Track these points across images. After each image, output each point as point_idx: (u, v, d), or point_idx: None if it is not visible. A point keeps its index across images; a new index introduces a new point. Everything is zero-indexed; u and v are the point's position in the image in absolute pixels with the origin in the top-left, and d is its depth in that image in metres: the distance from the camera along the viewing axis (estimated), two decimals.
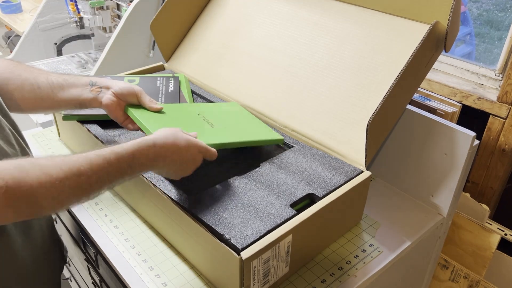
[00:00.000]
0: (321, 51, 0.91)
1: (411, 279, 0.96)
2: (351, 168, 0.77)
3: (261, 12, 1.04)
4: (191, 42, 1.14)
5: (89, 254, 0.88)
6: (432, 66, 0.81)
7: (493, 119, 1.16)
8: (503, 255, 1.15)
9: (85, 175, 0.55)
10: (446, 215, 0.87)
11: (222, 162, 0.80)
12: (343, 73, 0.86)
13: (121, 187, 0.86)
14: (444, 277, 1.19)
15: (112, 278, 0.79)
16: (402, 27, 0.83)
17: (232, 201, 0.69)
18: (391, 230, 0.83)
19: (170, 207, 0.70)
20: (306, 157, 0.80)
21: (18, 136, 0.73)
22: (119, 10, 1.55)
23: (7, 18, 2.23)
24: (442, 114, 1.01)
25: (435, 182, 0.87)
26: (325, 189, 0.72)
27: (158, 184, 0.72)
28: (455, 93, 1.21)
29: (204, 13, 1.16)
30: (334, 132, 0.83)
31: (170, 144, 0.64)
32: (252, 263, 0.61)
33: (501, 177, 1.19)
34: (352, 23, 0.89)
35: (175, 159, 0.65)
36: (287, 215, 0.66)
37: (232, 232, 0.63)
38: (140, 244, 0.77)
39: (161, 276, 0.71)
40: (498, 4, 1.48)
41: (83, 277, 1.09)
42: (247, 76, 1.00)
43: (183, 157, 0.66)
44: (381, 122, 0.75)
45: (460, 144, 0.81)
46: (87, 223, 0.81)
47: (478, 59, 1.49)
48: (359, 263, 0.75)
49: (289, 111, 0.90)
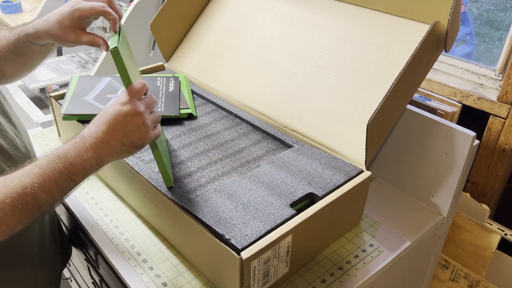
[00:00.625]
0: (321, 51, 0.91)
1: (411, 279, 0.96)
2: (351, 167, 0.77)
3: (261, 12, 1.04)
4: (191, 42, 1.14)
5: (89, 254, 0.88)
6: (432, 66, 0.81)
7: (493, 119, 1.16)
8: (503, 255, 1.15)
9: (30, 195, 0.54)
10: (446, 215, 0.87)
11: (221, 161, 0.81)
12: (343, 73, 0.86)
13: (121, 187, 0.86)
14: (444, 277, 1.19)
15: (112, 278, 0.79)
16: (402, 27, 0.83)
17: (232, 201, 0.69)
18: (391, 230, 0.83)
19: (170, 207, 0.70)
20: (306, 157, 0.80)
21: (23, 139, 0.73)
22: None
23: (7, 18, 2.23)
24: (442, 114, 1.01)
25: (435, 182, 0.87)
26: (325, 189, 0.72)
27: (158, 185, 0.72)
28: (455, 93, 1.21)
29: (204, 13, 1.16)
30: (334, 132, 0.83)
31: (100, 133, 0.59)
32: (252, 263, 0.61)
33: (501, 177, 1.19)
34: (352, 23, 0.89)
35: (114, 145, 0.60)
36: (287, 215, 0.66)
37: (232, 232, 0.63)
38: (140, 244, 0.77)
39: (161, 276, 0.71)
40: (498, 4, 1.48)
41: (83, 277, 1.09)
42: (247, 76, 1.00)
43: (120, 134, 0.60)
44: (381, 122, 0.75)
45: (460, 144, 0.81)
46: (87, 223, 0.81)
47: (478, 59, 1.49)
48: (359, 263, 0.75)
49: (289, 111, 0.90)
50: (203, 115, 0.95)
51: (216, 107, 0.98)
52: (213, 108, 0.98)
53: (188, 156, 0.82)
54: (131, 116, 0.59)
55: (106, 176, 0.90)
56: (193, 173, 0.77)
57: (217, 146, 0.85)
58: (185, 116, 0.93)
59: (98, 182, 0.91)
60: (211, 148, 0.84)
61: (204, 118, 0.94)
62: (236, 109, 0.95)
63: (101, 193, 0.88)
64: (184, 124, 0.92)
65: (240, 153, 0.83)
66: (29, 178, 0.54)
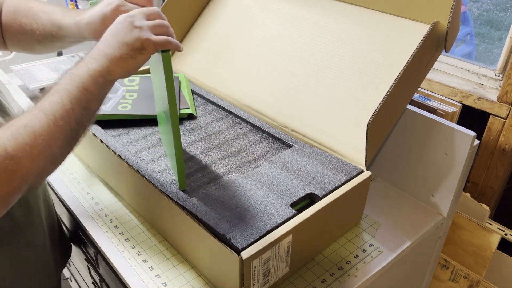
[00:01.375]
0: (321, 51, 0.91)
1: (411, 279, 0.96)
2: (351, 167, 0.77)
3: (261, 12, 1.04)
4: (191, 42, 1.14)
5: (89, 254, 0.88)
6: (432, 66, 0.81)
7: (493, 119, 1.16)
8: (503, 255, 1.15)
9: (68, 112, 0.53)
10: (446, 215, 0.87)
11: (221, 160, 0.81)
12: (343, 73, 0.86)
13: (121, 187, 0.86)
14: (444, 277, 1.20)
15: (112, 278, 0.79)
16: (402, 27, 0.83)
17: (232, 201, 0.69)
18: (391, 230, 0.83)
19: (171, 207, 0.70)
20: (306, 157, 0.80)
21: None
22: None
23: None
24: (442, 114, 1.01)
25: (435, 182, 0.87)
26: (325, 189, 0.72)
27: (158, 184, 0.72)
28: (455, 93, 1.21)
29: (204, 13, 1.16)
30: (334, 132, 0.83)
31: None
32: (252, 263, 0.61)
33: (501, 177, 1.19)
34: (352, 23, 0.89)
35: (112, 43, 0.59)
36: (287, 215, 0.66)
37: (232, 232, 0.63)
38: (140, 244, 0.77)
39: (161, 276, 0.71)
40: (498, 4, 1.48)
41: (83, 277, 1.09)
42: (247, 76, 1.00)
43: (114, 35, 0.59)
44: (381, 122, 0.75)
45: (460, 144, 0.81)
46: (87, 223, 0.81)
47: (478, 59, 1.49)
48: (359, 263, 0.75)
49: (289, 111, 0.90)
50: (203, 115, 0.95)
51: (216, 107, 0.98)
52: (213, 108, 0.98)
53: (188, 156, 0.82)
54: (120, 21, 0.60)
55: (106, 176, 0.90)
56: (194, 173, 0.77)
57: (217, 146, 0.85)
58: (185, 116, 0.93)
59: (98, 182, 0.91)
60: (211, 148, 0.84)
61: (204, 118, 0.94)
62: (236, 109, 0.95)
63: (101, 193, 0.88)
64: (184, 124, 0.92)
65: (240, 153, 0.83)
66: (52, 105, 0.53)
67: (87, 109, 0.56)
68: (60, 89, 0.54)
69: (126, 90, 0.97)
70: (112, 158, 0.82)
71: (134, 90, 0.98)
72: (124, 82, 1.00)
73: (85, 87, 0.55)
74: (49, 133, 0.51)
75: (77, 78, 0.56)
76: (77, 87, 0.55)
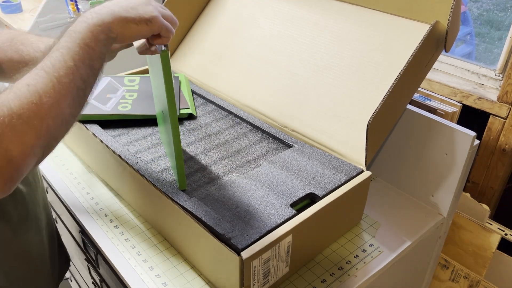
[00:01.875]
0: (321, 51, 0.91)
1: (411, 279, 0.96)
2: (351, 167, 0.77)
3: (261, 12, 1.04)
4: (191, 42, 1.14)
5: (89, 254, 0.88)
6: (432, 66, 0.81)
7: (493, 119, 1.16)
8: (503, 255, 1.15)
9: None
10: (446, 215, 0.87)
11: (221, 160, 0.81)
12: (343, 73, 0.86)
13: (121, 187, 0.86)
14: (444, 277, 1.20)
15: (112, 278, 0.79)
16: (402, 27, 0.83)
17: (232, 201, 0.69)
18: (391, 230, 0.83)
19: (171, 207, 0.70)
20: (306, 157, 0.80)
21: None
22: None
23: (7, 18, 2.23)
24: (442, 114, 1.01)
25: (435, 182, 0.87)
26: (325, 189, 0.72)
27: (158, 184, 0.72)
28: (455, 93, 1.21)
29: (204, 13, 1.16)
30: (334, 132, 0.83)
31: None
32: (252, 263, 0.61)
33: (501, 177, 1.19)
34: (352, 23, 0.89)
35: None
36: (287, 215, 0.66)
37: (232, 232, 0.63)
38: (140, 244, 0.77)
39: (161, 276, 0.71)
40: (498, 4, 1.48)
41: (83, 277, 1.09)
42: (247, 76, 1.00)
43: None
44: (381, 122, 0.75)
45: (460, 144, 0.81)
46: (87, 223, 0.81)
47: (478, 59, 1.49)
48: (359, 263, 0.75)
49: (289, 111, 0.90)
50: (203, 115, 0.95)
51: (216, 107, 0.98)
52: (213, 108, 0.98)
53: (188, 156, 0.82)
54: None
55: (106, 176, 0.90)
56: (193, 173, 0.77)
57: (217, 146, 0.85)
58: (185, 116, 0.93)
59: (98, 182, 0.91)
60: (211, 148, 0.84)
61: (204, 118, 0.94)
62: (236, 109, 0.95)
63: (101, 193, 0.88)
64: (184, 124, 0.92)
65: (240, 153, 0.83)
66: (57, 61, 0.51)
67: (91, 66, 0.54)
68: (60, 47, 0.53)
69: (126, 90, 0.97)
70: (112, 158, 0.82)
71: (134, 90, 0.98)
72: (124, 82, 1.00)
73: (86, 44, 0.54)
74: (55, 92, 0.49)
75: (77, 34, 0.54)
76: (78, 43, 0.53)
